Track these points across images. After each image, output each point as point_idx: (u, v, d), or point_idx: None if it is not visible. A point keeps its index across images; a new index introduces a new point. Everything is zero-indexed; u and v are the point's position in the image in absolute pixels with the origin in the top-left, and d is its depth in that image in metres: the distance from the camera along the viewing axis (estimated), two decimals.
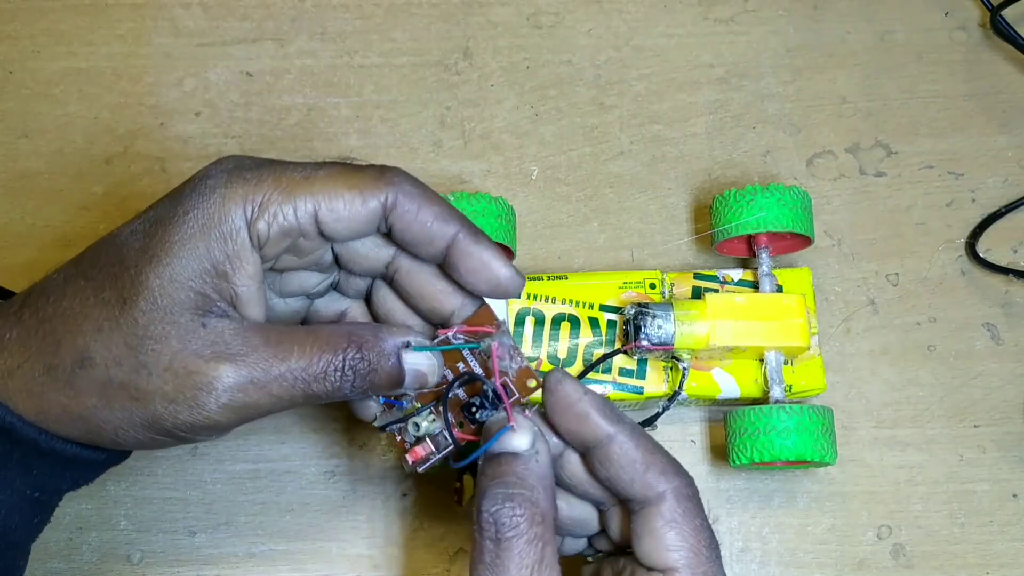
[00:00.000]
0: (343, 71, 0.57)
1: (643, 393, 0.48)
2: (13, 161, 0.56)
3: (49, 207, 0.55)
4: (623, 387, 0.48)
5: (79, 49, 0.58)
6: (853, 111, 0.57)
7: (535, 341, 0.49)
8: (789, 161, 0.56)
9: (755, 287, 0.50)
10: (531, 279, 0.50)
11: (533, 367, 0.41)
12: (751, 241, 0.50)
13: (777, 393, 0.47)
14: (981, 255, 0.53)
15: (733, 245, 0.51)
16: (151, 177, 0.55)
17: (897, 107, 0.57)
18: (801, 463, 0.47)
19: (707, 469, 0.50)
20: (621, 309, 0.49)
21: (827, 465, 0.48)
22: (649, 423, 0.48)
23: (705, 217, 0.53)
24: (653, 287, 0.50)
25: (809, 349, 0.47)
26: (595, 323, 0.49)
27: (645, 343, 0.46)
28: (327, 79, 0.57)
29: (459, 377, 0.39)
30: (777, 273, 0.50)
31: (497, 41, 0.58)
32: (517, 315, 0.49)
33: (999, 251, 0.54)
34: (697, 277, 0.50)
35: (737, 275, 0.50)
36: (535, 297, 0.49)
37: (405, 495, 0.50)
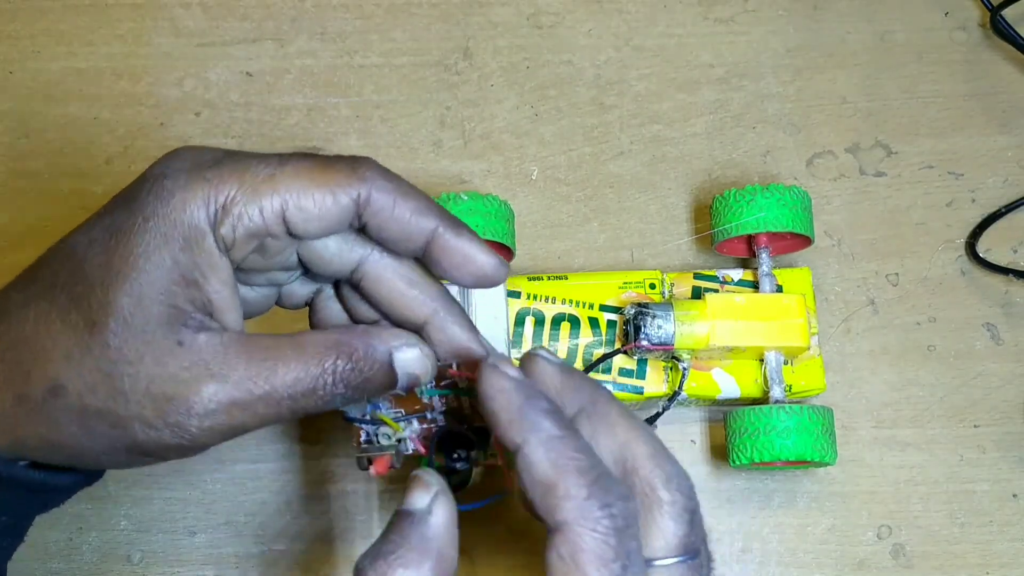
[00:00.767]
0: (343, 71, 0.57)
1: (643, 393, 0.48)
2: (13, 161, 0.56)
3: (49, 207, 0.55)
4: (623, 387, 0.48)
5: (79, 49, 0.58)
6: (853, 111, 0.57)
7: (535, 341, 0.49)
8: (789, 161, 0.56)
9: (755, 287, 0.50)
10: (531, 279, 0.50)
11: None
12: (751, 241, 0.50)
13: (777, 393, 0.47)
14: (981, 255, 0.53)
15: (733, 245, 0.51)
16: None
17: (897, 107, 0.57)
18: (801, 463, 0.47)
19: (707, 469, 0.50)
20: (621, 309, 0.49)
21: (827, 465, 0.48)
22: (649, 423, 0.48)
23: (705, 217, 0.53)
24: (653, 287, 0.50)
25: (809, 349, 0.47)
26: (595, 323, 0.49)
27: (645, 343, 0.46)
28: (327, 79, 0.57)
29: (441, 432, 0.38)
30: (777, 273, 0.50)
31: (497, 41, 0.58)
32: (517, 315, 0.49)
33: (999, 251, 0.54)
34: (697, 277, 0.50)
35: (737, 275, 0.50)
36: (535, 297, 0.49)
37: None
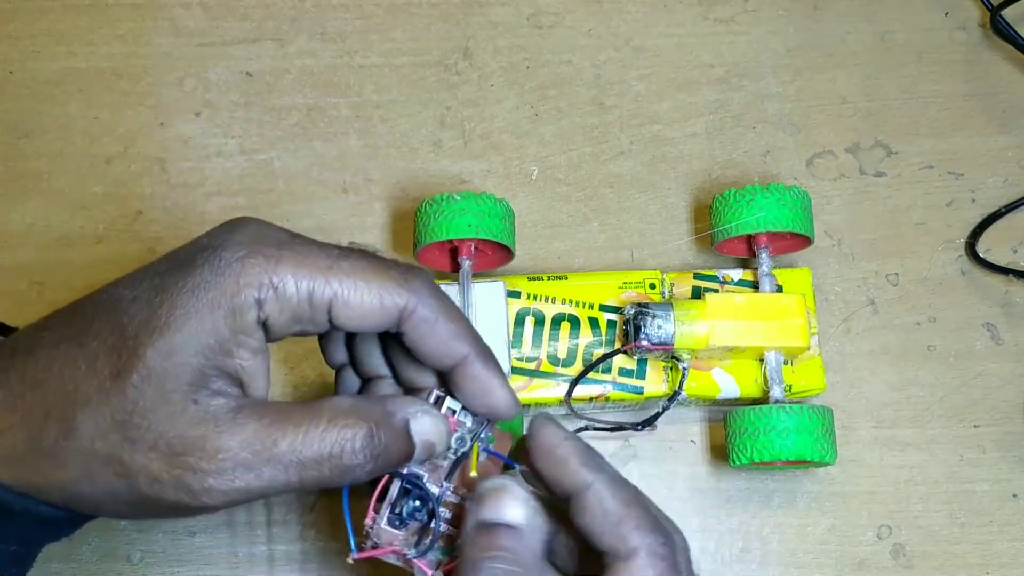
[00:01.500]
0: (343, 71, 0.57)
1: (643, 393, 0.48)
2: (13, 161, 0.56)
3: (49, 207, 0.55)
4: (623, 387, 0.48)
5: (79, 49, 0.58)
6: (853, 111, 0.57)
7: (535, 341, 0.49)
8: (789, 161, 0.56)
9: (755, 287, 0.50)
10: (531, 279, 0.50)
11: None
12: (751, 241, 0.50)
13: (777, 393, 0.47)
14: (981, 255, 0.53)
15: (733, 245, 0.51)
16: (151, 177, 0.55)
17: (897, 107, 0.57)
18: (801, 463, 0.47)
19: (707, 469, 0.50)
20: (621, 309, 0.49)
21: (827, 465, 0.48)
22: (649, 423, 0.48)
23: (705, 217, 0.53)
24: (653, 287, 0.50)
25: (809, 349, 0.47)
26: (595, 323, 0.49)
27: (645, 343, 0.46)
28: (327, 79, 0.57)
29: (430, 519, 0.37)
30: (777, 273, 0.50)
31: (497, 41, 0.58)
32: (517, 315, 0.49)
33: (999, 251, 0.54)
34: (697, 277, 0.50)
35: (737, 275, 0.50)
36: (535, 297, 0.49)
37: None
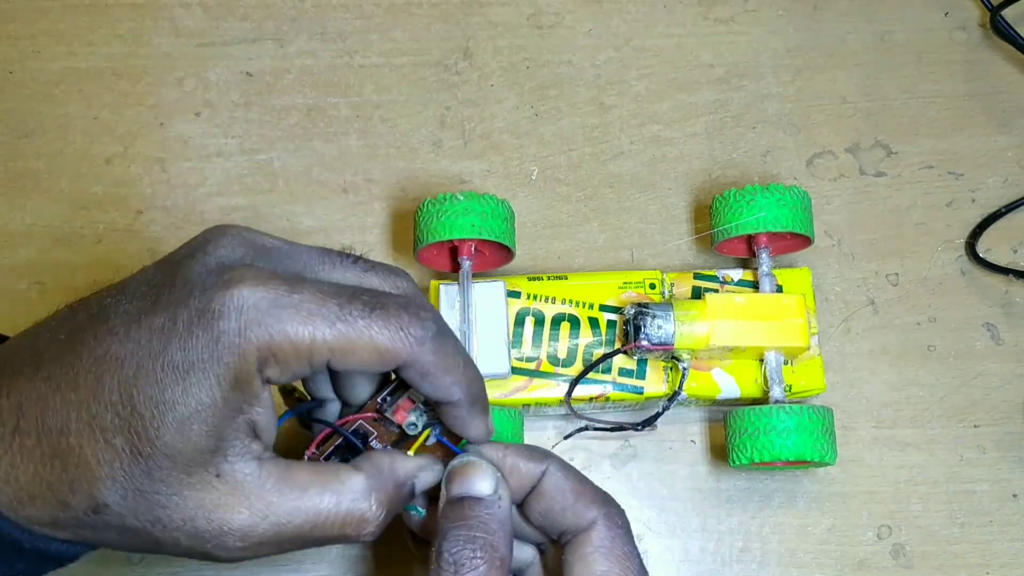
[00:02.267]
0: (343, 71, 0.57)
1: (643, 393, 0.48)
2: (13, 161, 0.56)
3: (49, 207, 0.55)
4: (623, 387, 0.48)
5: (79, 49, 0.58)
6: (853, 111, 0.57)
7: (535, 341, 0.49)
8: (789, 161, 0.56)
9: (755, 287, 0.50)
10: (531, 279, 0.50)
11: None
12: (751, 241, 0.50)
13: (777, 393, 0.47)
14: (981, 255, 0.53)
15: (733, 245, 0.51)
16: (151, 177, 0.55)
17: (897, 107, 0.57)
18: (801, 463, 0.47)
19: (707, 469, 0.50)
20: (621, 309, 0.49)
21: (827, 465, 0.48)
22: (649, 423, 0.48)
23: (705, 217, 0.53)
24: (653, 287, 0.50)
25: (809, 349, 0.47)
26: (595, 323, 0.49)
27: (645, 343, 0.46)
28: (327, 79, 0.57)
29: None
30: (777, 273, 0.50)
31: (497, 41, 0.58)
32: (517, 315, 0.49)
33: (999, 251, 0.54)
34: (697, 277, 0.50)
35: (737, 275, 0.50)
36: (535, 297, 0.49)
37: None
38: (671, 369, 0.48)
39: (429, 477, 0.38)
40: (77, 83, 0.57)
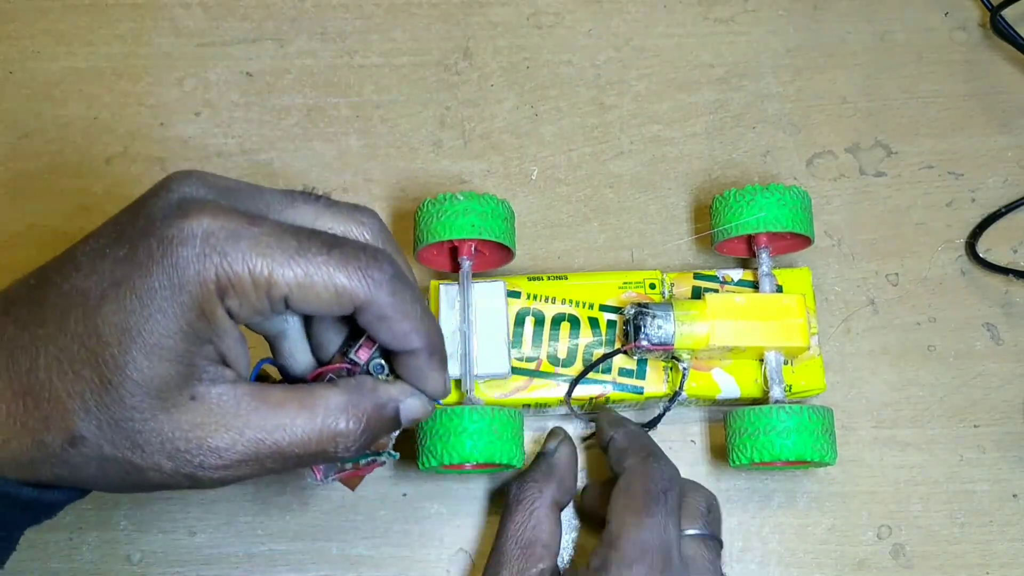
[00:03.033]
0: (343, 71, 0.57)
1: (643, 393, 0.48)
2: (13, 161, 0.56)
3: (49, 207, 0.55)
4: (623, 387, 0.48)
5: (79, 49, 0.58)
6: (853, 111, 0.57)
7: (535, 341, 0.49)
8: (789, 161, 0.56)
9: (755, 287, 0.50)
10: (531, 279, 0.50)
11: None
12: (751, 241, 0.50)
13: (777, 393, 0.47)
14: (981, 255, 0.53)
15: (733, 245, 0.51)
16: (151, 177, 0.55)
17: (897, 107, 0.57)
18: (801, 463, 0.47)
19: (707, 469, 0.50)
20: (621, 309, 0.49)
21: (827, 465, 0.48)
22: (651, 425, 0.48)
23: (705, 217, 0.53)
24: (653, 287, 0.50)
25: (809, 349, 0.47)
26: (595, 323, 0.49)
27: (645, 343, 0.46)
28: (327, 79, 0.57)
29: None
30: (777, 273, 0.50)
31: (497, 41, 0.58)
32: (517, 315, 0.49)
33: (999, 251, 0.54)
34: (697, 277, 0.50)
35: (737, 275, 0.50)
36: (535, 297, 0.49)
37: (405, 495, 0.50)
38: (671, 369, 0.48)
39: (416, 405, 0.38)
40: (77, 83, 0.57)
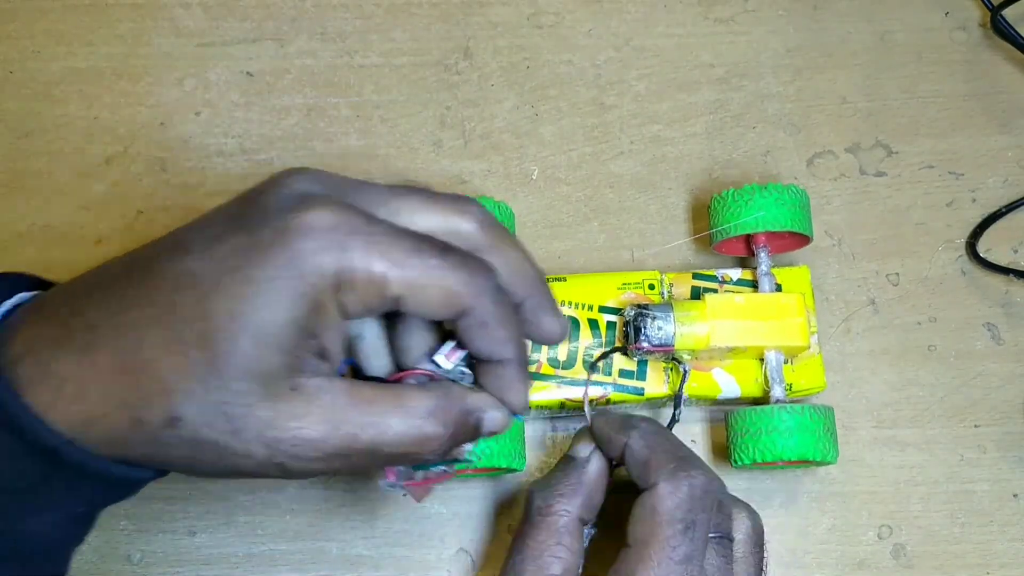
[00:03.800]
0: (343, 71, 0.57)
1: (643, 394, 0.48)
2: (13, 161, 0.56)
3: (49, 207, 0.55)
4: (623, 388, 0.48)
5: (79, 49, 0.58)
6: (853, 111, 0.57)
7: (535, 344, 0.48)
8: (789, 161, 0.56)
9: (754, 286, 0.50)
10: None
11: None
12: (750, 240, 0.50)
13: (778, 393, 0.47)
14: (981, 255, 0.53)
15: (732, 245, 0.51)
16: (151, 177, 0.55)
17: (897, 107, 0.57)
18: (802, 463, 0.47)
19: None
20: (620, 310, 0.49)
21: (829, 464, 0.48)
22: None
23: (704, 217, 0.53)
24: (652, 288, 0.50)
25: (809, 347, 0.47)
26: (595, 325, 0.49)
27: (645, 345, 0.46)
28: (327, 79, 0.57)
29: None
30: (776, 272, 0.50)
31: (497, 41, 0.58)
32: None
33: (999, 251, 0.54)
34: (696, 277, 0.50)
35: (736, 275, 0.50)
36: None
37: (405, 495, 0.50)
38: (671, 370, 0.48)
39: (498, 417, 0.38)
40: (77, 83, 0.57)
